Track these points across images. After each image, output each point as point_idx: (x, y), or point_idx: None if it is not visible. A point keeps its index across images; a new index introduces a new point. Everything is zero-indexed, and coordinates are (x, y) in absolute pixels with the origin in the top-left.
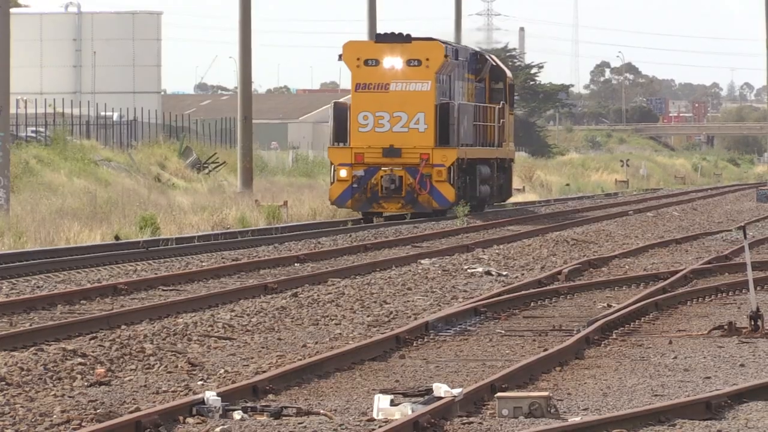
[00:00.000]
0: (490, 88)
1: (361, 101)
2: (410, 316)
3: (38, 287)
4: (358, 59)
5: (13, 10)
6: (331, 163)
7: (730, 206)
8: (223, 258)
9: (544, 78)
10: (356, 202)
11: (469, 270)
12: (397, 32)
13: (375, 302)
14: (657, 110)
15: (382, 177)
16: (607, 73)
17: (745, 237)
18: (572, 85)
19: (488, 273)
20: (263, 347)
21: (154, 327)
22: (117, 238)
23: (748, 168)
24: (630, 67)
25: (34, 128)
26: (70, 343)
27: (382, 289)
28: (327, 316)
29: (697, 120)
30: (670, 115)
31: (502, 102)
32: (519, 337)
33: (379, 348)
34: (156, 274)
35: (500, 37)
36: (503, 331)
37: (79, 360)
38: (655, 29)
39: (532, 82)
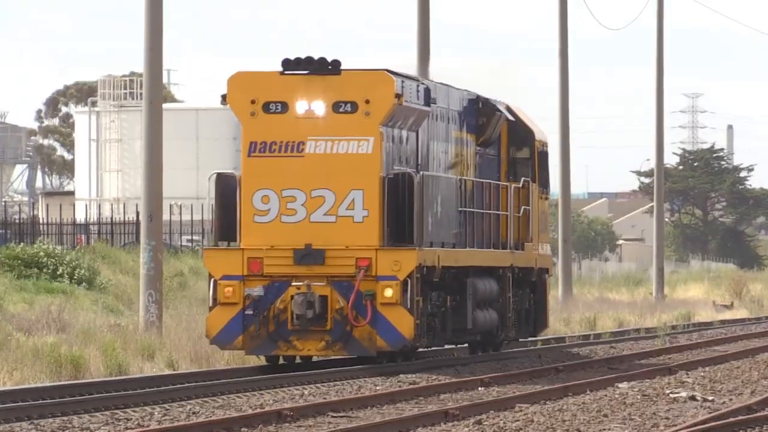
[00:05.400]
0: (508, 156)
1: (259, 172)
2: None
3: (194, 413)
4: (253, 102)
5: (166, 106)
6: (210, 276)
7: None
8: (399, 381)
9: (754, 182)
10: (250, 341)
11: (671, 395)
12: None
13: (567, 430)
14: None
15: (293, 298)
16: None
17: None
18: None
19: (692, 398)
20: None
21: None
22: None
23: None
24: None
25: (189, 237)
26: None
27: (575, 416)
28: None
29: None
30: None
31: (524, 179)
32: None
33: None
34: (325, 398)
35: (706, 136)
36: None
37: None
38: None
39: (741, 186)
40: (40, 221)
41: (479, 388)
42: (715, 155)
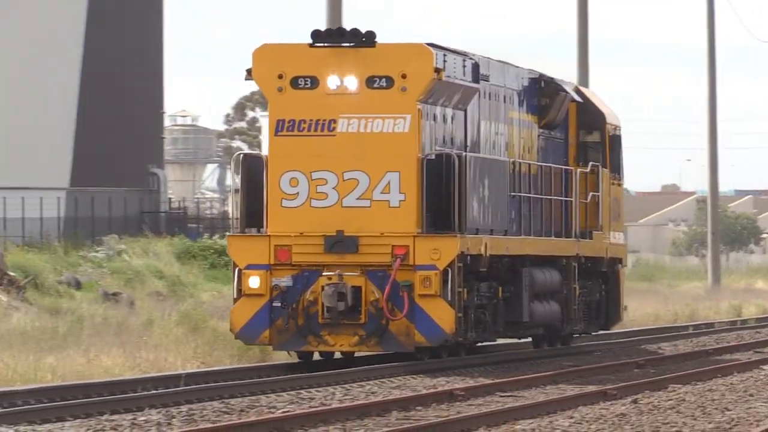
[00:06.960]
0: (577, 140)
1: (286, 153)
2: (752, 423)
3: (372, 393)
4: (280, 76)
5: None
6: (234, 265)
7: None
8: (561, 365)
9: None
10: (278, 336)
11: None
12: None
13: (716, 409)
14: None
15: (323, 289)
16: None
17: None
18: None
19: None
20: None
21: None
22: None
23: None
24: None
25: None
26: None
27: (724, 396)
28: (667, 423)
29: None
30: None
31: (593, 164)
32: None
33: None
34: (493, 380)
35: None
36: None
37: None
38: None
39: None
40: (230, 216)
41: (635, 370)
42: None
